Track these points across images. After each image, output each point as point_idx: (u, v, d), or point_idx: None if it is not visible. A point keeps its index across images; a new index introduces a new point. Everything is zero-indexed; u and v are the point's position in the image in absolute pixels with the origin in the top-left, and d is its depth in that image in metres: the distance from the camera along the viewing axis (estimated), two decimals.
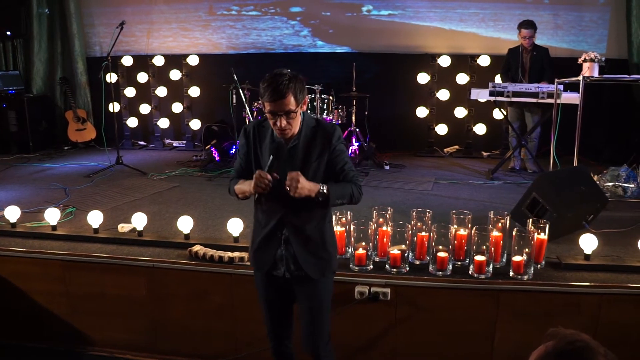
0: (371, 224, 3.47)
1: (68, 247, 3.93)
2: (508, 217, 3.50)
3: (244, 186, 2.54)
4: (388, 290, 3.35)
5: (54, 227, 4.21)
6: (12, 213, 4.29)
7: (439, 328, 3.40)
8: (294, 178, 2.35)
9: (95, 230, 4.10)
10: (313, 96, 6.24)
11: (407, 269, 3.42)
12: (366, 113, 6.82)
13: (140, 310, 3.74)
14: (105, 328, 3.89)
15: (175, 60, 7.97)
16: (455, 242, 3.43)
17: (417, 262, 3.49)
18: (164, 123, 8.15)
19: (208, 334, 3.69)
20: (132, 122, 8.23)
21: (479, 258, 3.29)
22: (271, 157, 2.46)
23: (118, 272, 3.72)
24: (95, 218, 4.10)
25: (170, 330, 3.75)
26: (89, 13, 8.20)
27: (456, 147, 7.47)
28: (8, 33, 7.80)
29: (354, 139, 6.67)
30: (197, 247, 3.70)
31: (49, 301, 3.97)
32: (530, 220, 3.47)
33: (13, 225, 4.28)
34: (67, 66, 8.13)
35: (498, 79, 6.74)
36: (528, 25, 6.15)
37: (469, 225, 3.46)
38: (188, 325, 3.70)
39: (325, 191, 2.43)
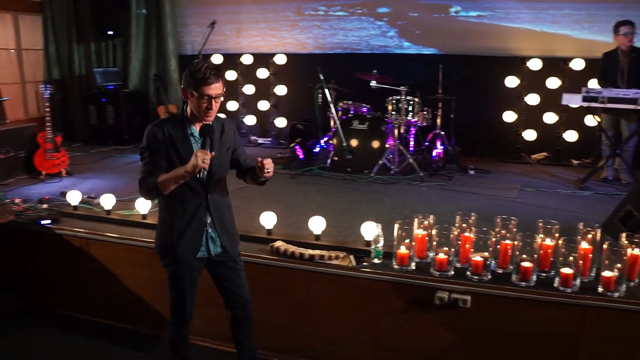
0: (454, 229, 3.42)
1: None
2: (599, 230, 3.34)
3: (174, 173, 2.72)
4: (468, 297, 3.29)
5: (144, 216, 4.43)
6: (108, 201, 4.56)
7: (519, 341, 3.30)
8: (270, 162, 2.77)
9: None
10: (399, 97, 6.20)
11: (489, 277, 3.35)
12: (452, 116, 6.70)
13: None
14: None
15: (263, 59, 8.15)
16: (541, 252, 3.31)
17: (500, 271, 3.41)
18: (250, 120, 8.37)
19: (284, 329, 3.76)
20: None
21: (566, 271, 3.16)
22: (206, 138, 2.72)
23: None
24: None
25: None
26: (183, 13, 8.53)
27: (544, 153, 7.19)
28: (110, 32, 8.27)
29: (438, 142, 6.58)
30: (278, 243, 3.78)
31: (137, 286, 4.18)
32: (624, 234, 3.30)
33: (108, 212, 4.55)
34: (160, 64, 8.47)
35: (592, 83, 6.44)
36: (627, 22, 5.84)
37: (556, 235, 3.33)
38: (265, 319, 3.76)
39: None
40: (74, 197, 4.68)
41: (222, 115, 5.33)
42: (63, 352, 3.91)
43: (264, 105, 8.29)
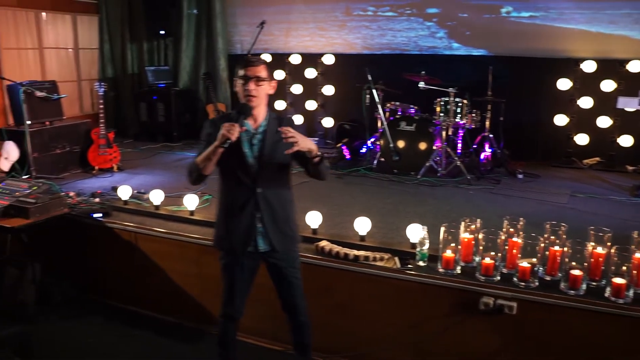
0: (501, 233, 3.37)
1: (204, 232, 4.19)
2: None
3: (208, 149, 2.76)
4: (514, 304, 3.23)
5: (191, 212, 4.52)
6: (157, 196, 4.66)
7: (566, 351, 3.22)
8: (287, 129, 2.66)
9: None
10: (447, 99, 6.13)
11: (537, 283, 3.28)
12: (501, 119, 6.57)
13: (265, 298, 3.88)
14: None
15: (311, 59, 8.18)
16: (592, 260, 3.22)
17: (548, 278, 3.33)
18: (297, 120, 8.41)
19: (327, 328, 3.76)
20: None
21: (618, 280, 3.07)
22: (239, 114, 2.77)
23: None
24: None
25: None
26: (233, 13, 8.63)
27: (597, 159, 6.98)
28: (162, 32, 8.47)
29: (487, 145, 6.47)
30: (323, 243, 3.79)
31: (183, 281, 4.27)
32: None
33: (157, 207, 4.66)
34: (210, 63, 8.60)
35: None
36: None
37: (608, 243, 3.24)
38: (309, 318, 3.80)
39: (320, 153, 2.80)
40: (124, 192, 4.81)
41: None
42: (113, 341, 4.03)
43: (311, 105, 8.32)
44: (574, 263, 3.20)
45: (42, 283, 4.39)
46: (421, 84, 6.18)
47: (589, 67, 6.86)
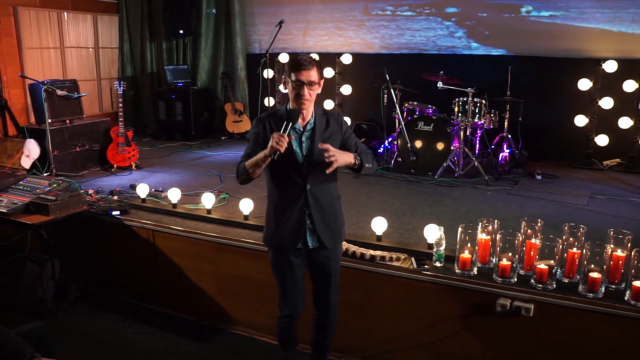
0: (519, 235, 3.34)
1: (220, 231, 4.22)
2: None
3: (257, 156, 2.79)
4: (531, 306, 3.20)
5: (208, 211, 4.55)
6: (174, 195, 4.70)
7: (585, 355, 3.18)
8: (327, 147, 2.67)
9: (246, 217, 4.35)
10: (465, 99, 6.09)
11: (554, 286, 3.25)
12: (520, 119, 6.52)
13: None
14: (246, 310, 4.13)
15: (329, 58, 8.17)
16: (611, 263, 3.18)
17: (566, 280, 3.30)
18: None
19: (341, 328, 3.75)
20: None
21: (638, 284, 3.02)
22: (288, 122, 2.73)
23: (263, 259, 3.89)
24: (246, 206, 4.36)
25: (306, 320, 3.87)
26: (251, 13, 8.66)
27: (617, 160, 6.89)
28: (180, 31, 8.52)
29: (505, 146, 6.42)
30: None
31: (199, 279, 4.30)
32: None
33: (174, 205, 4.69)
34: (228, 62, 8.66)
35: None
36: None
37: (629, 246, 3.19)
38: None
39: (358, 161, 2.85)
40: (142, 190, 4.85)
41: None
42: (129, 338, 4.07)
43: (329, 104, 8.32)
44: (592, 265, 3.16)
45: (60, 279, 4.45)
46: (439, 84, 6.15)
47: (610, 67, 6.77)
